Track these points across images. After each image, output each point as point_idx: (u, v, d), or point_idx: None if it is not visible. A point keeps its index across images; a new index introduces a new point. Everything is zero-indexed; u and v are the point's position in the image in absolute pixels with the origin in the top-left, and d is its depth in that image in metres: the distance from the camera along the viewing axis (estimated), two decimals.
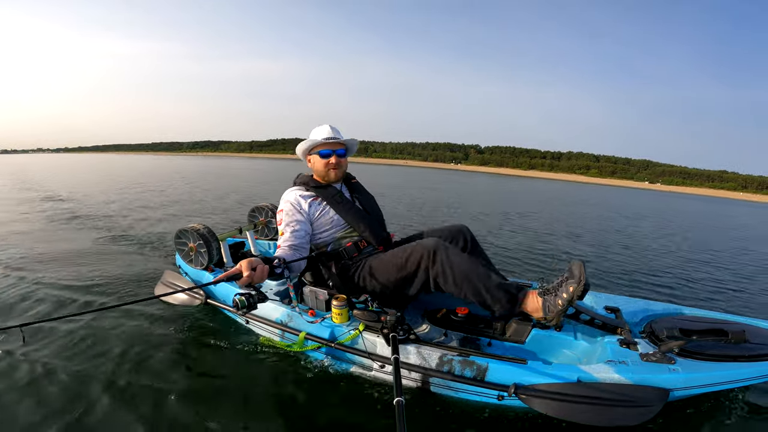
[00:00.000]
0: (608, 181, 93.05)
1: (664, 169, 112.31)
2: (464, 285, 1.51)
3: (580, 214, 9.52)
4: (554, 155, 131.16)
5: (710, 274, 3.99)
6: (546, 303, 1.46)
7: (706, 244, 6.00)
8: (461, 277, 1.51)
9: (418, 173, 32.73)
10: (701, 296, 3.14)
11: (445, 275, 1.52)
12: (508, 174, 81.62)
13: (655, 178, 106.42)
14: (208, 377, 1.78)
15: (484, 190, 16.35)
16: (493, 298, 1.50)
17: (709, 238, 7.07)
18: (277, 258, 1.55)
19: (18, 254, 3.58)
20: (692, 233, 7.72)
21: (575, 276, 1.40)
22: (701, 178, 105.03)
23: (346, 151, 1.90)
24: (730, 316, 1.71)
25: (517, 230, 6.39)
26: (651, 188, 75.51)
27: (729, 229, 9.09)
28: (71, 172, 17.30)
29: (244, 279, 1.38)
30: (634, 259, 4.57)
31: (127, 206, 6.85)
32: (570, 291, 1.39)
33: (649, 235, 6.80)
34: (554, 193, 20.08)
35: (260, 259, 1.45)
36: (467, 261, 1.53)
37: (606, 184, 67.79)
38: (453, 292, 1.55)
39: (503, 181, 34.43)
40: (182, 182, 13.05)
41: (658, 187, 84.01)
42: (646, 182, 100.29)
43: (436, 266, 1.53)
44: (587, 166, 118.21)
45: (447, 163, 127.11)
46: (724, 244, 6.53)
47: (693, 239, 6.53)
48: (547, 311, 1.45)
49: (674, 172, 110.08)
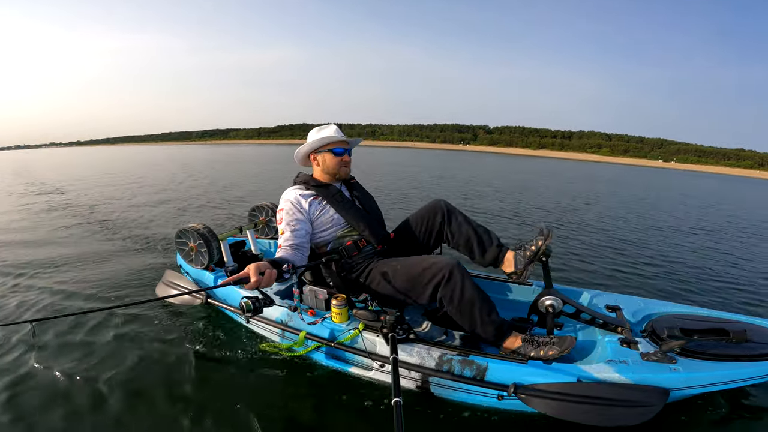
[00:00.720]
0: (620, 159, 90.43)
1: (679, 147, 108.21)
2: (465, 311, 1.53)
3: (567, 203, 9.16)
4: (565, 134, 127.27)
5: (714, 271, 3.93)
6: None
7: (711, 236, 5.91)
8: (467, 304, 1.52)
9: (418, 156, 31.80)
10: (702, 295, 3.11)
11: (453, 298, 1.53)
12: (517, 154, 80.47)
13: (669, 156, 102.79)
14: (208, 376, 1.80)
15: (493, 175, 15.96)
16: (484, 330, 1.54)
17: (714, 226, 6.95)
18: (286, 262, 1.53)
19: (28, 253, 3.63)
20: (692, 219, 7.60)
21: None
22: (717, 156, 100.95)
23: (351, 150, 1.93)
24: (731, 315, 1.69)
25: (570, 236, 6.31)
26: (665, 166, 73.61)
27: (737, 215, 8.92)
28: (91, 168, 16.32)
29: (252, 284, 1.36)
30: (634, 254, 4.51)
31: (141, 204, 6.87)
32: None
33: (645, 224, 6.68)
34: (561, 174, 19.39)
35: (269, 264, 1.43)
36: (477, 291, 1.54)
37: (617, 163, 66.18)
38: (451, 313, 1.57)
39: (510, 161, 33.92)
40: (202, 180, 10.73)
41: (672, 166, 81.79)
42: (659, 160, 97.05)
43: (448, 287, 1.53)
44: (599, 144, 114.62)
45: (455, 144, 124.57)
46: (733, 234, 6.41)
47: (694, 230, 6.42)
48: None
49: (689, 150, 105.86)
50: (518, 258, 1.65)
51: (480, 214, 6.47)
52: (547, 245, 1.62)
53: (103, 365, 1.84)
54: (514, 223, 5.87)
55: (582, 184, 13.83)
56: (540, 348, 1.46)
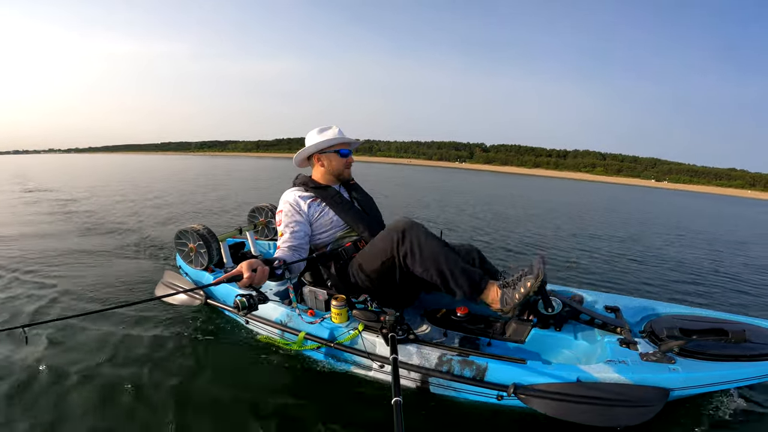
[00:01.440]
0: (613, 179, 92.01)
1: (672, 167, 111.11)
2: (431, 266, 1.51)
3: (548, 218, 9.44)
4: (560, 153, 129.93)
5: (711, 273, 3.98)
6: (504, 296, 1.49)
7: (706, 243, 5.99)
8: (429, 257, 1.51)
9: (411, 175, 31.61)
10: (701, 296, 3.13)
11: (413, 254, 1.52)
12: (511, 173, 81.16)
13: (662, 176, 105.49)
14: (208, 377, 1.78)
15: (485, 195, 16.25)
16: (456, 282, 1.51)
17: (705, 236, 7.04)
18: (277, 259, 1.56)
19: (26, 255, 3.60)
20: (687, 234, 7.68)
21: (534, 272, 1.45)
22: (709, 176, 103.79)
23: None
24: (730, 315, 1.70)
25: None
26: (657, 186, 74.90)
27: (729, 226, 9.03)
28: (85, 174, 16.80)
29: (245, 281, 1.38)
30: (635, 258, 4.56)
31: (136, 208, 6.86)
32: (527, 286, 1.44)
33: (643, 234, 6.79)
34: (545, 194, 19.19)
35: (261, 261, 1.45)
36: (436, 242, 1.53)
37: (610, 182, 67.26)
38: (419, 273, 1.55)
39: (504, 180, 34.21)
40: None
41: (665, 185, 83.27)
42: (652, 180, 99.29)
43: (405, 245, 1.53)
44: (593, 164, 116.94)
45: (452, 162, 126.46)
46: (724, 243, 6.51)
47: (692, 237, 6.50)
48: (504, 303, 1.49)
49: (682, 170, 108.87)
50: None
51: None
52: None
53: (101, 366, 1.81)
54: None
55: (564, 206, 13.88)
56: (519, 286, 1.44)
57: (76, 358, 1.87)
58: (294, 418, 1.53)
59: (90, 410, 1.53)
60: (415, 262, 1.53)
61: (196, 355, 1.94)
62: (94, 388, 1.65)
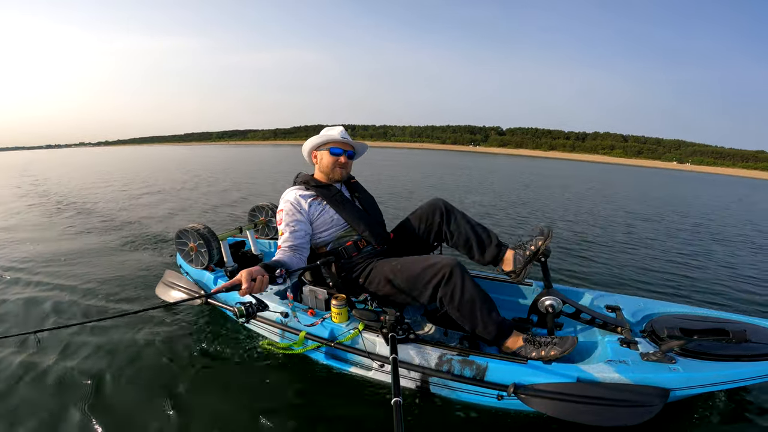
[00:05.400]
0: (631, 161, 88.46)
1: (696, 149, 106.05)
2: (466, 311, 1.53)
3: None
4: (579, 135, 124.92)
5: (712, 271, 3.95)
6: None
7: (712, 238, 5.94)
8: (467, 304, 1.52)
9: (408, 159, 29.79)
10: (702, 295, 3.12)
11: (453, 298, 1.52)
12: (525, 155, 79.24)
13: (684, 158, 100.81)
14: (207, 376, 1.79)
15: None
16: (485, 330, 1.53)
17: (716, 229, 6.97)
18: (279, 267, 1.53)
19: (36, 259, 3.61)
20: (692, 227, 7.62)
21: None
22: (735, 158, 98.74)
23: (354, 154, 1.93)
24: (731, 315, 1.69)
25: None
26: (679, 168, 71.51)
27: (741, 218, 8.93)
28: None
29: (244, 290, 1.38)
30: (635, 255, 4.53)
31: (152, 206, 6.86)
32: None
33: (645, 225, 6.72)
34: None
35: (261, 269, 1.44)
36: (477, 290, 1.53)
37: (627, 164, 64.05)
38: (452, 314, 1.56)
39: (511, 162, 33.56)
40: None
41: (687, 167, 79.83)
42: (674, 162, 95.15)
43: (449, 286, 1.52)
44: (611, 146, 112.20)
45: (465, 145, 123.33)
46: (733, 237, 6.43)
47: (695, 230, 6.45)
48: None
49: (707, 152, 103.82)
50: (517, 257, 1.67)
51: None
52: (546, 245, 1.64)
53: (101, 366, 1.83)
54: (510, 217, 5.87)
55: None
56: (541, 348, 1.46)
57: (76, 358, 1.89)
58: (294, 417, 1.53)
59: (89, 409, 1.55)
60: (453, 305, 1.53)
61: (196, 354, 1.94)
62: (93, 388, 1.67)
